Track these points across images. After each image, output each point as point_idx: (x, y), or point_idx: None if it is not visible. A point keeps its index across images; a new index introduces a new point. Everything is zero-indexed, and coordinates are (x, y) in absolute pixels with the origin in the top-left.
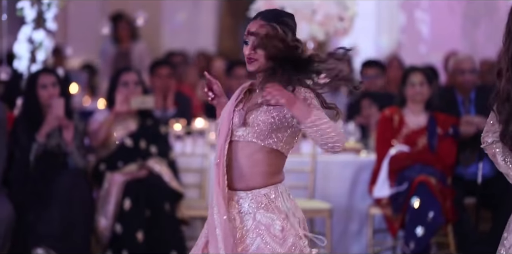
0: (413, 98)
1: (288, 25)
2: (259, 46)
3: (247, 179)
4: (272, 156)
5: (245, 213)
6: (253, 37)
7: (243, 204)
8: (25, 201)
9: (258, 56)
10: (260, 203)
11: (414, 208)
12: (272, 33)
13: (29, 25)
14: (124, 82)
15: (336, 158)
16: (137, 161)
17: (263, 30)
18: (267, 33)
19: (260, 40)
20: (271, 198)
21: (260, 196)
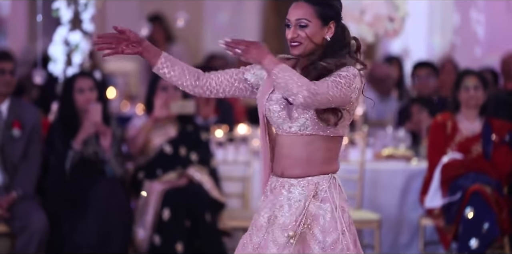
0: (467, 103)
1: (332, 6)
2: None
3: (302, 166)
4: (331, 141)
5: (295, 200)
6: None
7: (294, 191)
8: (60, 210)
9: (302, 39)
10: (312, 191)
11: (468, 218)
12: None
13: (65, 26)
14: (163, 87)
15: (386, 165)
16: (176, 169)
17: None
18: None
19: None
20: (324, 187)
21: (312, 184)
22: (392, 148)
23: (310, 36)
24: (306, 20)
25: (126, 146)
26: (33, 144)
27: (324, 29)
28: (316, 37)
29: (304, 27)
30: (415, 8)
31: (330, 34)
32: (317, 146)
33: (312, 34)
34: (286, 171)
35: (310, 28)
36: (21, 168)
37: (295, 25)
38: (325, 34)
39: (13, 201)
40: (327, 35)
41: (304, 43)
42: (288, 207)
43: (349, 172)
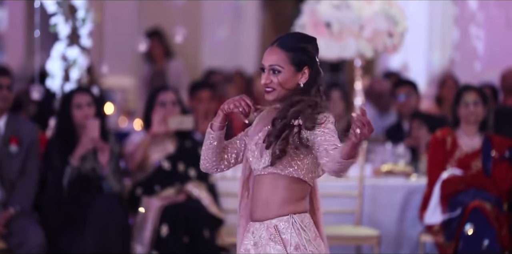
0: (467, 119)
1: (306, 52)
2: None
3: (264, 209)
4: (293, 182)
5: (259, 244)
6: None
7: (256, 235)
8: (58, 226)
9: (275, 85)
10: (271, 234)
11: (468, 235)
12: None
13: (63, 41)
14: (161, 102)
15: (385, 181)
16: (175, 185)
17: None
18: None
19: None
20: (280, 229)
21: (271, 226)
22: (391, 164)
23: (282, 82)
24: (279, 67)
25: (124, 162)
26: (30, 159)
27: (298, 75)
28: (289, 83)
29: (278, 73)
30: (415, 24)
31: (304, 79)
32: (276, 185)
33: (284, 80)
34: (252, 214)
35: (283, 74)
36: (19, 184)
37: (269, 70)
38: (299, 79)
39: (10, 217)
40: (301, 80)
41: (277, 89)
42: (254, 251)
43: (348, 188)
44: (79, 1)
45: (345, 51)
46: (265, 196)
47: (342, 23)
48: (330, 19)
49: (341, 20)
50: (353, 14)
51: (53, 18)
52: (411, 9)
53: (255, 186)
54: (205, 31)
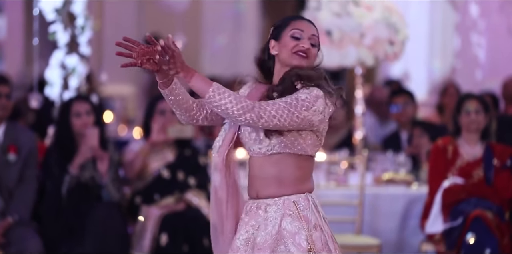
0: (468, 127)
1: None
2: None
3: (275, 186)
4: (301, 160)
5: (271, 218)
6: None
7: (270, 211)
8: (57, 235)
9: (311, 55)
10: (288, 209)
11: (469, 244)
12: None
13: (62, 49)
14: (160, 111)
15: (386, 190)
16: (174, 194)
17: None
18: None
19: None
20: (300, 206)
21: (288, 202)
22: (392, 172)
23: (314, 56)
24: (318, 40)
25: (123, 170)
26: (29, 168)
27: (318, 54)
28: (314, 58)
29: (314, 46)
30: (416, 31)
31: (318, 61)
32: (286, 164)
33: (316, 55)
34: (260, 192)
35: (315, 50)
36: (17, 193)
37: (308, 39)
38: (317, 60)
39: (8, 226)
40: (316, 62)
41: (310, 59)
42: (264, 227)
43: (349, 196)
44: (78, 8)
45: (346, 59)
46: (276, 174)
47: (343, 31)
48: (331, 27)
49: (342, 28)
50: (354, 22)
51: (52, 26)
52: (412, 16)
53: (258, 166)
54: (205, 38)
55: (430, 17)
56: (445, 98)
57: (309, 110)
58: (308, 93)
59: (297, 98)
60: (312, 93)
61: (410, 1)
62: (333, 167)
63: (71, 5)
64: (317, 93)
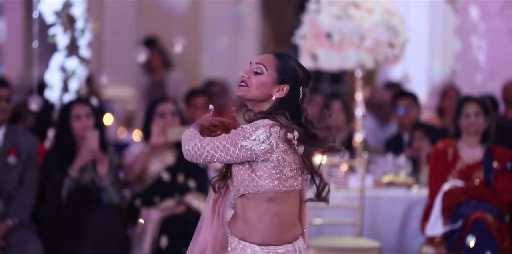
0: (468, 130)
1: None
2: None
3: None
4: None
5: None
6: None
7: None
8: (57, 238)
9: (249, 83)
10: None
11: (470, 247)
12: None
13: (62, 52)
14: (160, 113)
15: (386, 193)
16: (174, 196)
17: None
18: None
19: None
20: (301, 250)
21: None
22: (392, 175)
23: (258, 84)
24: (264, 67)
25: (123, 173)
26: (29, 171)
27: (276, 87)
28: (263, 88)
29: (258, 74)
30: (416, 34)
31: (279, 94)
32: (296, 201)
33: (261, 83)
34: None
35: (263, 77)
36: (17, 196)
37: (252, 68)
38: (274, 92)
39: (8, 229)
40: (276, 94)
41: (250, 88)
42: None
43: (349, 199)
44: (78, 11)
45: (346, 62)
46: (291, 214)
47: (343, 34)
48: (331, 30)
49: (342, 31)
50: (354, 25)
51: (51, 28)
52: (412, 19)
53: (275, 205)
54: (205, 42)
55: (430, 20)
56: (445, 101)
57: (246, 141)
58: (251, 125)
59: (236, 132)
60: (254, 124)
61: (410, 3)
62: (333, 170)
63: (70, 7)
64: (258, 123)
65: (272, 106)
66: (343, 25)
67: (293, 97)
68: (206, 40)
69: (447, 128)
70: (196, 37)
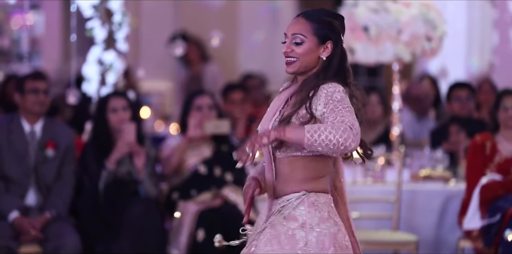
0: (506, 123)
1: (332, 26)
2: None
3: (283, 186)
4: (312, 162)
5: (270, 216)
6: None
7: (274, 210)
8: (94, 231)
9: (296, 55)
10: (283, 208)
11: (508, 241)
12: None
13: (99, 46)
14: (197, 106)
15: (423, 187)
16: (211, 189)
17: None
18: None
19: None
20: (292, 205)
21: (284, 201)
22: (429, 169)
23: (304, 53)
24: (302, 36)
25: (160, 166)
26: (67, 164)
27: (321, 48)
28: (310, 55)
29: (300, 44)
30: (453, 28)
31: (326, 54)
32: (295, 165)
33: (306, 51)
34: (274, 193)
35: (305, 44)
36: (55, 189)
37: (291, 40)
38: (320, 53)
39: (46, 221)
40: (323, 54)
41: (299, 60)
42: (270, 227)
43: (386, 193)
44: (116, 5)
45: (383, 55)
46: (285, 175)
47: (380, 27)
48: (368, 23)
49: (379, 24)
50: (391, 18)
51: (89, 22)
52: (449, 12)
53: (277, 168)
54: (242, 35)
55: (468, 13)
56: (480, 96)
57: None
58: (338, 92)
59: (342, 103)
60: (337, 89)
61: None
62: (370, 163)
63: (108, 1)
64: (340, 89)
65: (323, 66)
66: (380, 18)
67: (341, 49)
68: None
69: (484, 120)
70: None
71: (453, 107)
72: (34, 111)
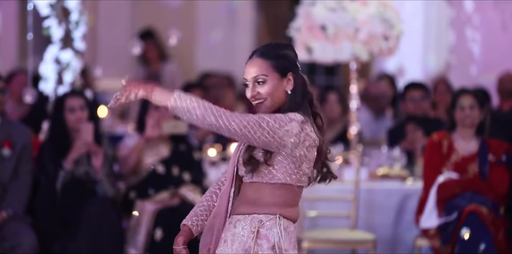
0: (463, 122)
1: (287, 57)
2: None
3: (252, 206)
4: (278, 189)
5: (238, 235)
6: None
7: (238, 227)
8: (51, 230)
9: (264, 96)
10: (253, 227)
11: (464, 239)
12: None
13: (56, 44)
14: (155, 106)
15: (381, 185)
16: (169, 189)
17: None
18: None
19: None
20: (265, 225)
21: (256, 220)
22: (387, 168)
23: (270, 91)
24: (263, 76)
25: (118, 165)
26: (23, 163)
27: (284, 81)
28: (276, 91)
29: (263, 83)
30: (410, 27)
31: (291, 86)
32: (263, 192)
33: (272, 89)
34: (236, 209)
35: (269, 83)
36: (11, 188)
37: (253, 83)
38: (285, 86)
39: (2, 221)
40: (287, 87)
41: (268, 99)
42: (231, 242)
43: (343, 191)
44: (73, 3)
45: (341, 54)
46: (254, 198)
47: (338, 26)
48: (325, 22)
49: (336, 23)
50: (349, 17)
51: (46, 21)
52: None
53: (242, 188)
54: (200, 34)
55: (424, 13)
56: (436, 96)
57: (281, 129)
58: (286, 115)
59: (271, 116)
60: (289, 116)
61: None
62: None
63: (65, 0)
64: (293, 117)
65: (289, 100)
66: (338, 17)
67: (301, 78)
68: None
69: (440, 119)
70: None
71: (407, 107)
72: None
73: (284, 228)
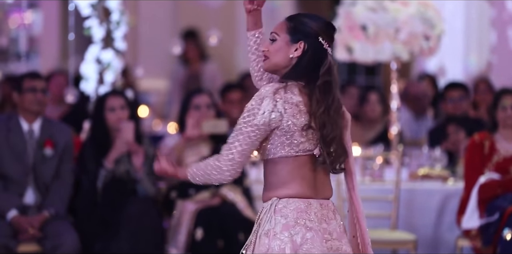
0: (505, 122)
1: (306, 26)
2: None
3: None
4: (275, 166)
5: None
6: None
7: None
8: (92, 230)
9: (268, 54)
10: (260, 214)
11: (506, 240)
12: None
13: (97, 44)
14: (195, 105)
15: (422, 185)
16: (209, 188)
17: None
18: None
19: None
20: (262, 212)
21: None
22: (428, 168)
23: (274, 51)
24: (275, 34)
25: None
26: (65, 163)
27: (292, 47)
28: (280, 53)
29: (273, 42)
30: (451, 26)
31: (297, 53)
32: (266, 171)
33: (276, 49)
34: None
35: (277, 42)
36: (53, 188)
37: (269, 39)
38: (291, 52)
39: (45, 220)
40: (293, 53)
41: (270, 58)
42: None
43: (384, 192)
44: (114, 4)
45: (381, 54)
46: (264, 180)
47: (378, 26)
48: (366, 22)
49: (377, 23)
50: (389, 17)
51: (87, 21)
52: (447, 11)
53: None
54: (240, 34)
55: (466, 12)
56: (477, 96)
57: (257, 117)
58: (253, 99)
59: (242, 114)
60: (257, 96)
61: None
62: (368, 162)
63: (106, 0)
64: (263, 94)
65: (291, 67)
66: (378, 17)
67: (315, 51)
68: (241, 32)
69: (482, 119)
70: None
71: (447, 107)
72: (32, 110)
73: (279, 210)
